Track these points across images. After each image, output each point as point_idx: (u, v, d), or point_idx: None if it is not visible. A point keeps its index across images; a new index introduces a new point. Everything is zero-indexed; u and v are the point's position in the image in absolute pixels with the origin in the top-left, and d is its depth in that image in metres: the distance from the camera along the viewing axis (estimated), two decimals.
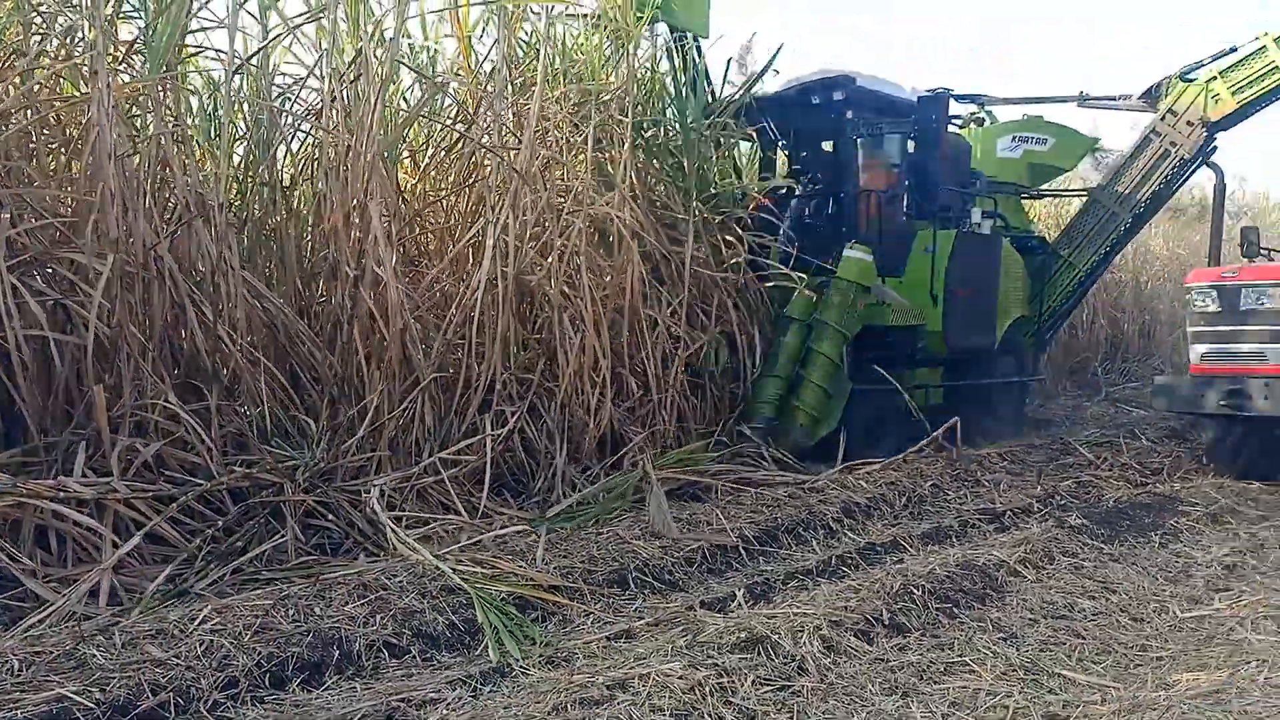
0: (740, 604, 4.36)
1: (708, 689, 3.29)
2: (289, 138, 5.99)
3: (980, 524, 6.02)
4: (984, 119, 10.14)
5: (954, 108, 9.98)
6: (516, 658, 3.74)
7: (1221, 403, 6.71)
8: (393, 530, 4.72)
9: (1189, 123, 9.02)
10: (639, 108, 6.90)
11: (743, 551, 5.26)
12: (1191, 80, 9.08)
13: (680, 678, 3.33)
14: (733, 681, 3.37)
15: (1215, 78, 8.89)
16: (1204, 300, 6.92)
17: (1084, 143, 10.36)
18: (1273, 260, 7.78)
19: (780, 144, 8.63)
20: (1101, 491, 6.98)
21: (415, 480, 5.38)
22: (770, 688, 3.41)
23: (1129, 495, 6.83)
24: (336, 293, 5.56)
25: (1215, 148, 9.32)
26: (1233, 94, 8.79)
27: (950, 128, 9.63)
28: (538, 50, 6.67)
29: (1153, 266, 16.43)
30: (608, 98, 6.59)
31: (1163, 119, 9.18)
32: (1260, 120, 9.03)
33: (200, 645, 3.48)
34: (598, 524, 5.43)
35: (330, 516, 4.95)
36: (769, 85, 8.02)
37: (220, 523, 4.64)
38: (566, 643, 3.91)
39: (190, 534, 4.55)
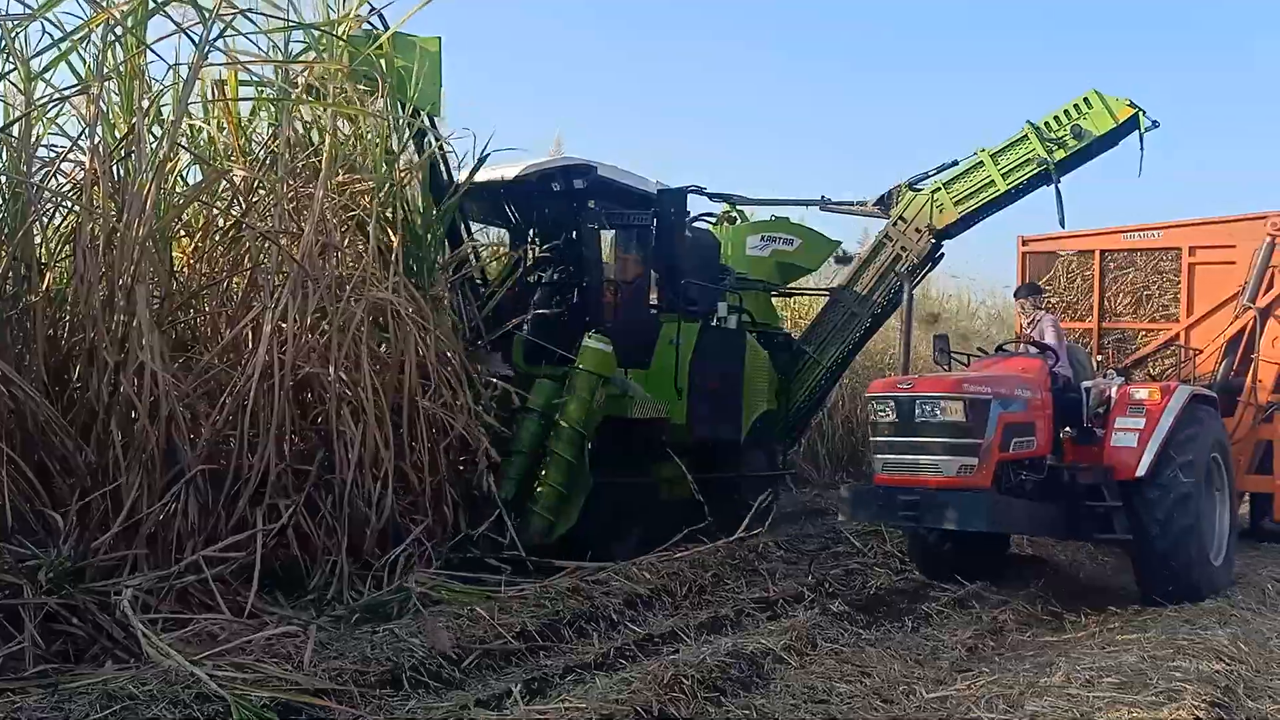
0: (516, 700, 4.33)
1: None
2: (48, 213, 5.65)
3: (754, 612, 6.24)
4: (735, 218, 10.56)
5: (706, 205, 10.49)
6: None
7: (901, 514, 6.57)
8: (144, 634, 4.41)
9: (918, 229, 9.74)
10: (398, 195, 6.81)
11: (524, 647, 5.24)
12: (919, 190, 9.86)
13: None
14: None
15: (940, 188, 9.67)
16: (884, 411, 6.71)
17: (828, 245, 10.83)
18: (967, 365, 7.82)
19: (529, 231, 8.51)
20: (866, 579, 7.40)
21: (175, 579, 5.07)
22: None
23: (889, 582, 7.28)
24: (94, 379, 5.23)
25: (942, 254, 10.15)
26: (955, 204, 9.58)
27: (701, 224, 10.01)
28: (311, 138, 6.59)
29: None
30: (378, 185, 6.56)
31: (895, 225, 9.88)
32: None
33: None
34: (374, 622, 5.28)
35: (75, 620, 4.59)
36: (510, 170, 7.90)
37: None
38: None
39: None
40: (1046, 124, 9.17)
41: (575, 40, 38.42)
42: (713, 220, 10.42)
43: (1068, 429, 7.10)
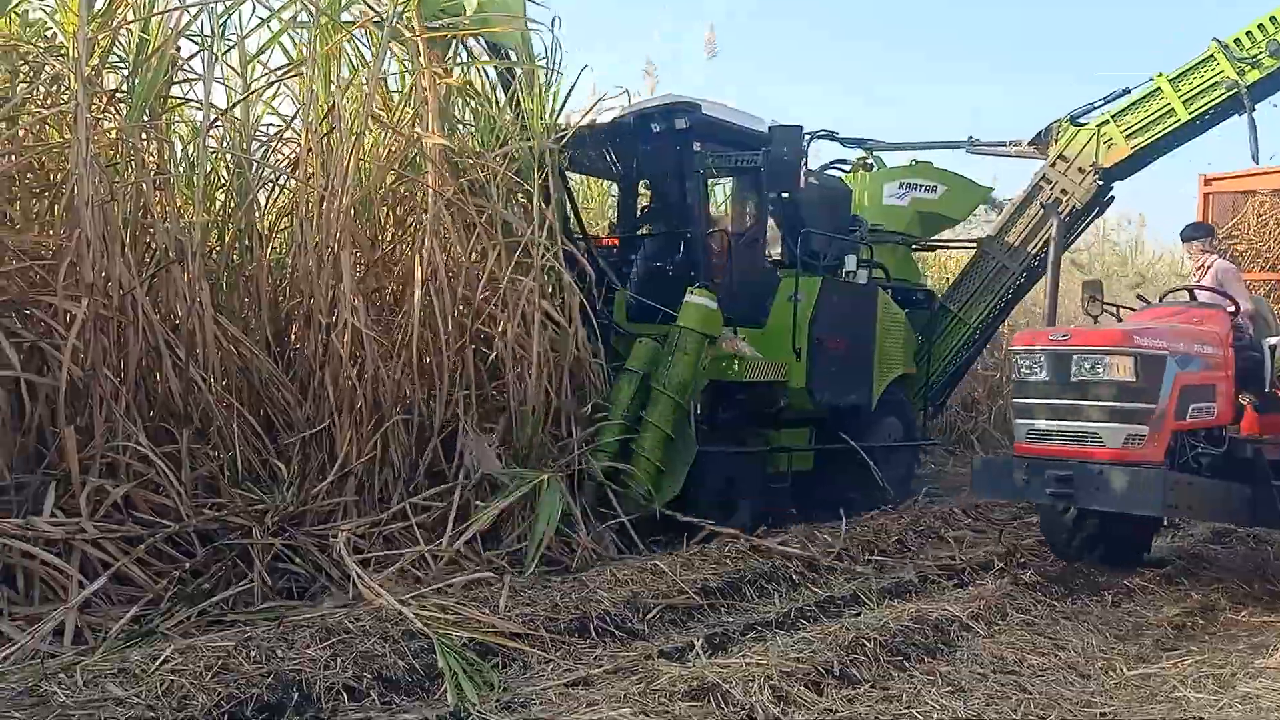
0: (698, 654, 4.43)
1: None
2: (268, 186, 6.12)
3: (939, 579, 6.10)
4: (872, 164, 9.72)
5: (840, 151, 9.68)
6: (474, 702, 3.79)
7: (1050, 491, 5.57)
8: (358, 575, 4.78)
9: (1081, 169, 8.54)
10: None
11: (705, 603, 5.33)
12: (1083, 124, 8.65)
13: None
14: None
15: (1108, 121, 8.46)
16: (1031, 368, 5.80)
17: (978, 192, 9.79)
18: (1121, 320, 6.64)
19: (633, 180, 7.91)
20: None
21: (384, 525, 5.46)
22: None
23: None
24: (309, 339, 5.66)
25: (1112, 198, 8.97)
26: (1126, 138, 8.35)
27: (835, 171, 9.31)
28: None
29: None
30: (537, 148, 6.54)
31: (1053, 165, 8.72)
32: None
33: (161, 685, 3.52)
34: (560, 572, 5.51)
35: (298, 560, 5.01)
36: (608, 112, 7.31)
37: (188, 564, 4.69)
38: (524, 688, 3.98)
39: (157, 575, 4.60)
40: (1237, 40, 7.83)
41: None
42: (847, 169, 9.65)
43: (1247, 394, 6.08)
